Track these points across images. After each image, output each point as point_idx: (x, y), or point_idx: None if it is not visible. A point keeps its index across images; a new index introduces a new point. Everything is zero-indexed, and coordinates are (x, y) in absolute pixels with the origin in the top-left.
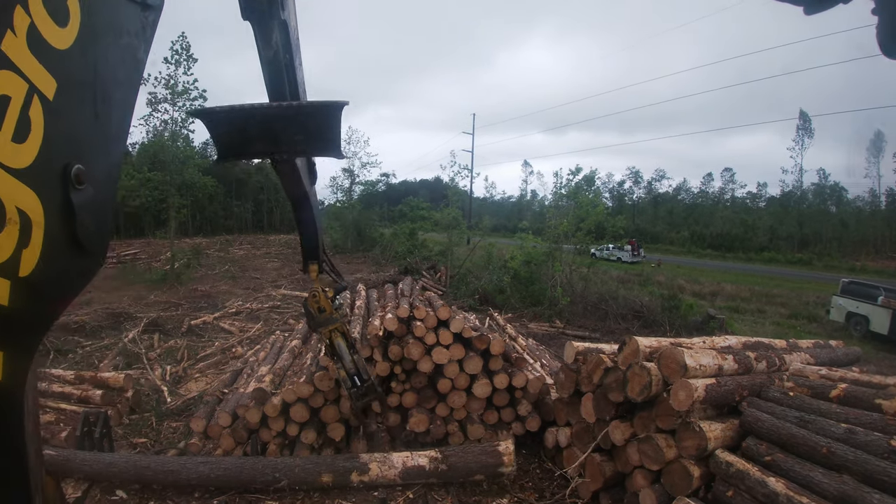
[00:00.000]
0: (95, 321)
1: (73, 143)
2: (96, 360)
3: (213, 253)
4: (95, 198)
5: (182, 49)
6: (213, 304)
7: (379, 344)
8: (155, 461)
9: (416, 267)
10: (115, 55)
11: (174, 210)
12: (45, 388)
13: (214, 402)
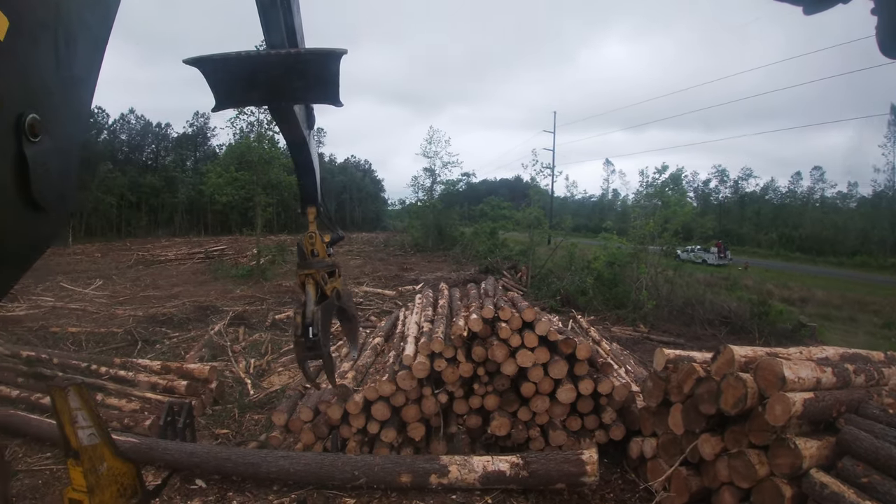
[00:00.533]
0: (183, 313)
1: (28, 90)
2: (182, 351)
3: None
4: (54, 151)
5: None
6: (295, 300)
7: (462, 344)
8: (235, 453)
9: (496, 266)
10: None
11: (260, 208)
12: (131, 377)
13: (296, 396)
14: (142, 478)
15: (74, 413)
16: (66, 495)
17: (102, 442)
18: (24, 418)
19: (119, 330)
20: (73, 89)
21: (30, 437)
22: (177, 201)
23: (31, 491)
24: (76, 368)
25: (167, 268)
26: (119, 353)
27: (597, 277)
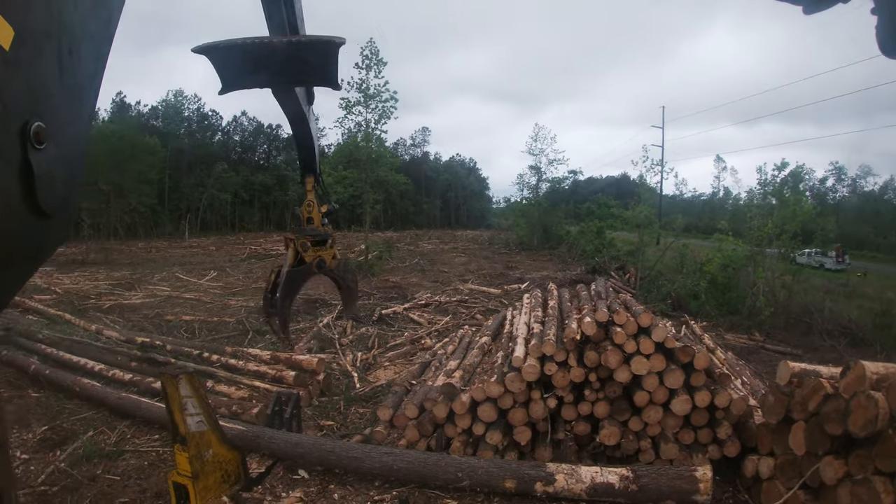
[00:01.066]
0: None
1: (33, 98)
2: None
3: (403, 247)
4: (59, 158)
5: (371, 54)
6: (402, 296)
7: (574, 348)
8: (339, 446)
9: (603, 267)
10: (85, 4)
11: (369, 205)
12: (241, 365)
13: (402, 392)
14: (246, 465)
15: (184, 401)
16: (171, 478)
17: (210, 429)
18: (134, 401)
19: (231, 319)
20: (77, 96)
21: (139, 420)
22: (287, 198)
23: (136, 471)
24: (188, 355)
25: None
26: (230, 342)
27: (710, 281)
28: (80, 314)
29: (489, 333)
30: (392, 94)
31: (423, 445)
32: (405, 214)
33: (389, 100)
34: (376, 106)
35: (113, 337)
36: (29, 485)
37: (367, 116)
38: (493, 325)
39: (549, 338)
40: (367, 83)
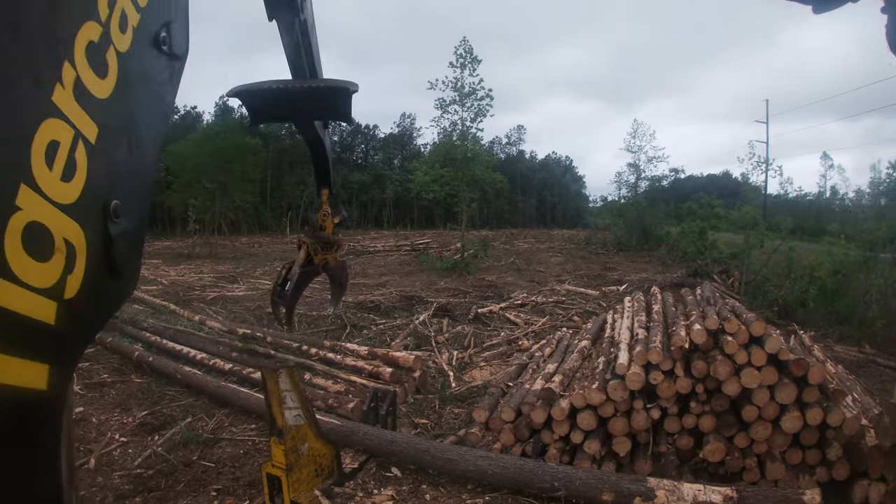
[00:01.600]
0: (390, 302)
1: (112, 181)
2: (388, 338)
3: (498, 245)
4: (129, 229)
5: (466, 52)
6: (498, 295)
7: (682, 357)
8: (434, 447)
9: (705, 270)
10: (147, 101)
11: (465, 204)
12: (339, 360)
13: (498, 393)
14: (340, 460)
15: (283, 394)
16: (265, 469)
17: (307, 424)
18: (234, 390)
19: (329, 314)
20: (142, 179)
21: (237, 409)
22: (385, 197)
23: (231, 459)
24: (287, 348)
25: (375, 258)
26: (329, 336)
27: (820, 287)
28: (184, 305)
29: (589, 337)
30: (487, 91)
31: (517, 450)
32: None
33: (485, 98)
34: (472, 104)
35: (215, 327)
36: (125, 467)
37: (462, 115)
38: (592, 328)
39: (655, 345)
40: (462, 81)
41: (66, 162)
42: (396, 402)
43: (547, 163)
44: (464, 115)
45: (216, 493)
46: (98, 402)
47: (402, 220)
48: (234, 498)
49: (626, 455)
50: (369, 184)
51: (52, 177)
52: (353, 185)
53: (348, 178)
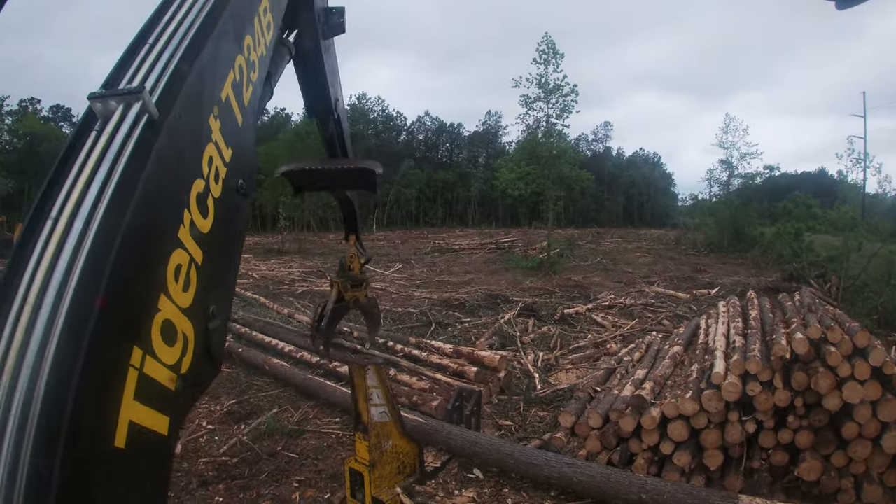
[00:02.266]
0: (474, 300)
1: (210, 291)
2: (473, 336)
3: (584, 245)
4: (220, 326)
5: (548, 48)
6: (585, 296)
7: (781, 367)
8: (518, 450)
9: (801, 273)
10: (229, 230)
11: (551, 202)
12: (423, 357)
13: (585, 398)
14: (423, 459)
15: (370, 391)
16: (348, 464)
17: (392, 421)
18: (320, 383)
19: (415, 311)
20: (228, 288)
21: (322, 401)
22: (469, 195)
23: (314, 452)
24: (373, 344)
25: (460, 256)
26: (414, 333)
27: None
28: (273, 298)
29: (681, 343)
30: (572, 87)
31: (603, 458)
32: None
33: (570, 94)
34: (556, 101)
35: (303, 321)
36: (210, 454)
37: (547, 112)
38: (685, 333)
39: (753, 354)
40: (546, 78)
41: (185, 278)
42: (481, 403)
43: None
44: (549, 112)
45: (298, 484)
46: None
47: (487, 218)
48: (315, 490)
49: (716, 469)
50: (454, 182)
51: (178, 289)
52: (437, 184)
53: (433, 176)
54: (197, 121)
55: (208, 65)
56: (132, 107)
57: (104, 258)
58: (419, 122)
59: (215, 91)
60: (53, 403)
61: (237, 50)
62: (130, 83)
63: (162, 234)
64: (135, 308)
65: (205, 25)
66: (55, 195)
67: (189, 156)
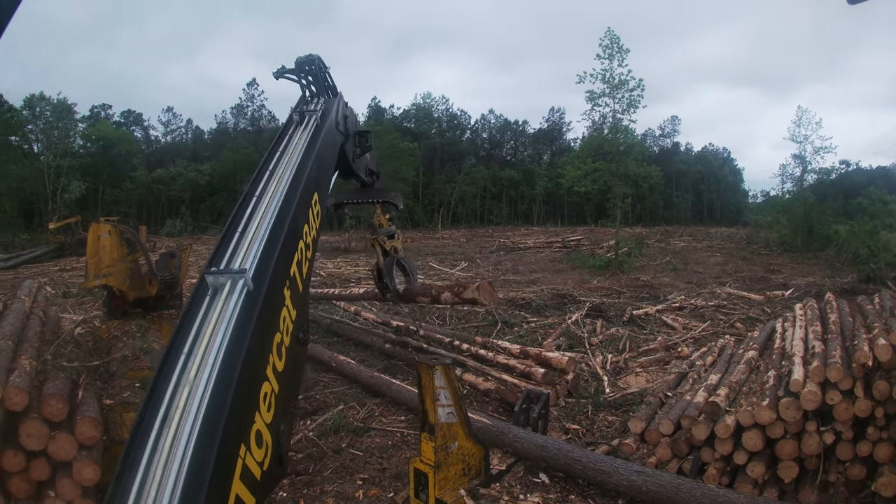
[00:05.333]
0: (541, 300)
1: (280, 410)
2: (540, 337)
3: (653, 243)
4: (284, 439)
5: (612, 42)
6: (654, 296)
7: (863, 375)
8: (587, 456)
9: (879, 275)
10: (293, 369)
11: (619, 199)
12: (490, 357)
13: (656, 403)
14: (488, 461)
15: (438, 391)
16: (413, 464)
17: (458, 422)
18: (386, 381)
19: (480, 310)
20: (290, 408)
21: (388, 399)
22: (534, 192)
23: (379, 450)
24: (439, 342)
25: (526, 254)
26: (480, 332)
27: None
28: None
29: (756, 347)
30: (638, 82)
31: (673, 467)
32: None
33: (636, 88)
34: (622, 95)
35: (370, 319)
36: None
37: (613, 107)
38: (759, 337)
39: (834, 360)
40: (611, 73)
41: (269, 402)
42: (549, 405)
43: (703, 155)
44: (615, 107)
45: (362, 482)
46: None
47: (552, 216)
48: (378, 489)
49: (790, 482)
50: (518, 180)
51: (265, 409)
52: (502, 182)
53: (497, 174)
54: (276, 291)
55: (283, 250)
56: (238, 283)
57: (227, 385)
58: (483, 121)
59: (287, 269)
60: (195, 475)
61: (299, 237)
62: (231, 264)
63: (258, 371)
64: (243, 419)
65: (281, 216)
66: (180, 346)
67: (272, 316)
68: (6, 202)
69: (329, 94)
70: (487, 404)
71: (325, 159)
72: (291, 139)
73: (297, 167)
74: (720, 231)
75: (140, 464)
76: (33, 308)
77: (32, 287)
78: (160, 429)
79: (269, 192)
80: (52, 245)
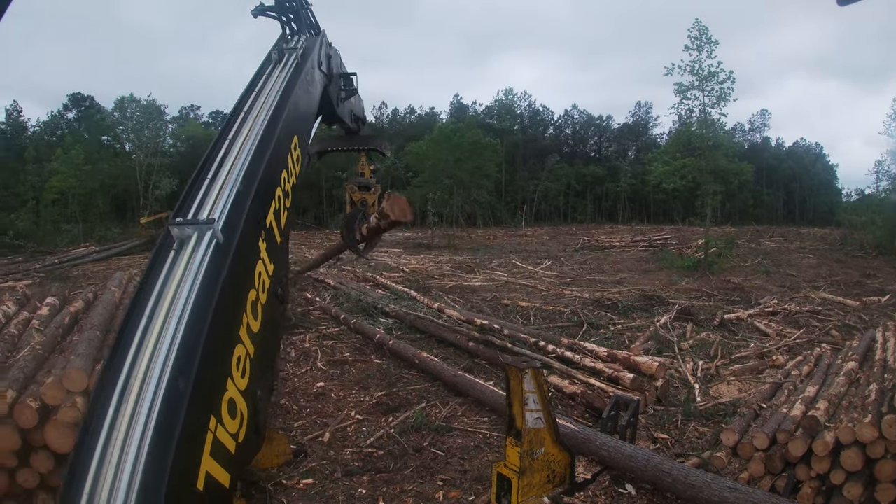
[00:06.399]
0: (627, 301)
1: (258, 375)
2: (627, 339)
3: (743, 244)
4: (262, 406)
5: (700, 34)
6: (745, 300)
7: None
8: (677, 469)
9: None
10: (270, 329)
11: (709, 196)
12: (576, 359)
13: (750, 415)
14: (574, 469)
15: (526, 395)
16: (497, 468)
17: (546, 427)
18: (469, 381)
19: (565, 309)
20: (270, 372)
21: (471, 399)
22: (619, 189)
23: (461, 451)
24: (524, 342)
25: (611, 253)
26: (565, 333)
27: None
28: (423, 292)
29: (855, 358)
30: (728, 74)
31: (766, 484)
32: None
33: (726, 80)
34: (712, 88)
35: (453, 316)
36: (357, 445)
37: (703, 100)
38: (859, 347)
39: None
40: (700, 64)
41: (243, 367)
42: (639, 413)
43: (795, 150)
44: (704, 100)
45: (442, 483)
46: (338, 378)
47: (638, 214)
48: (459, 491)
49: None
50: (603, 176)
51: (238, 375)
52: (586, 178)
53: (581, 170)
54: (250, 243)
55: (257, 198)
56: (206, 234)
57: (192, 352)
58: (566, 116)
59: (262, 218)
60: (159, 450)
61: (277, 182)
62: (199, 214)
63: (229, 332)
64: (212, 388)
65: (255, 161)
66: (145, 302)
67: (246, 271)
68: (99, 198)
69: (311, 32)
70: (573, 409)
71: (305, 101)
72: (269, 79)
73: (275, 108)
74: (812, 231)
75: (97, 443)
76: (122, 299)
77: (122, 278)
78: (118, 404)
79: (242, 135)
80: (143, 238)
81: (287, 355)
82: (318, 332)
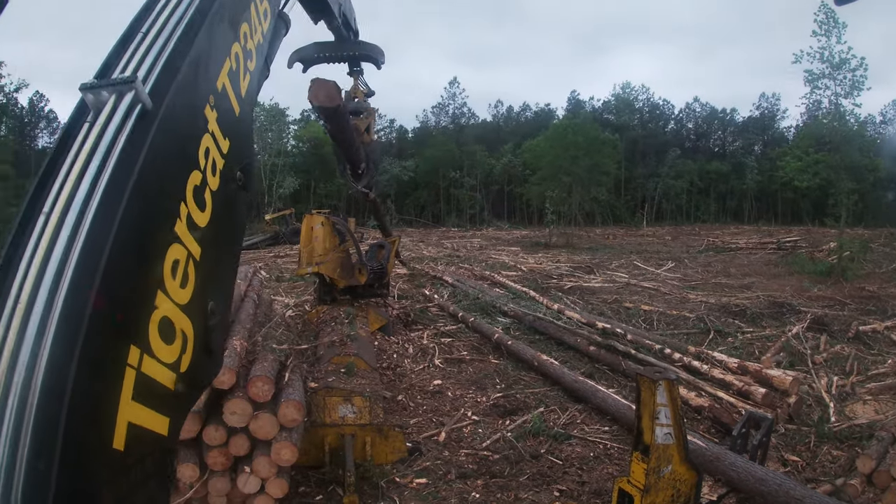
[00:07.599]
0: (756, 307)
1: (208, 287)
2: (756, 350)
3: (877, 247)
4: (219, 321)
5: (827, 17)
6: (882, 310)
7: None
8: (810, 496)
9: None
10: (228, 224)
11: (845, 195)
12: (704, 370)
13: (888, 440)
14: (700, 490)
15: (658, 408)
16: (618, 484)
17: (675, 444)
18: (591, 387)
19: (690, 315)
20: (227, 284)
21: (591, 406)
22: (745, 187)
23: (579, 460)
24: (649, 349)
25: (737, 256)
26: (690, 340)
27: None
28: (542, 292)
29: None
30: (861, 60)
31: None
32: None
33: (858, 68)
34: (844, 76)
35: (574, 318)
36: (472, 446)
37: (834, 89)
38: None
39: None
40: (830, 50)
41: (183, 274)
42: (771, 432)
43: None
44: (836, 90)
45: (559, 493)
46: (455, 377)
47: (765, 213)
48: (576, 503)
49: None
50: (727, 173)
51: (175, 285)
52: (710, 175)
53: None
54: (192, 111)
55: (203, 53)
56: (125, 97)
57: (98, 254)
58: (688, 110)
59: (211, 80)
60: (50, 406)
61: (233, 37)
62: (123, 73)
63: (158, 228)
64: (132, 305)
65: (199, 12)
66: (47, 190)
67: (185, 147)
68: None
69: None
70: (699, 423)
71: None
72: None
73: None
74: None
75: None
76: (248, 291)
77: (248, 272)
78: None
79: None
80: (267, 234)
81: (405, 351)
82: (436, 328)
